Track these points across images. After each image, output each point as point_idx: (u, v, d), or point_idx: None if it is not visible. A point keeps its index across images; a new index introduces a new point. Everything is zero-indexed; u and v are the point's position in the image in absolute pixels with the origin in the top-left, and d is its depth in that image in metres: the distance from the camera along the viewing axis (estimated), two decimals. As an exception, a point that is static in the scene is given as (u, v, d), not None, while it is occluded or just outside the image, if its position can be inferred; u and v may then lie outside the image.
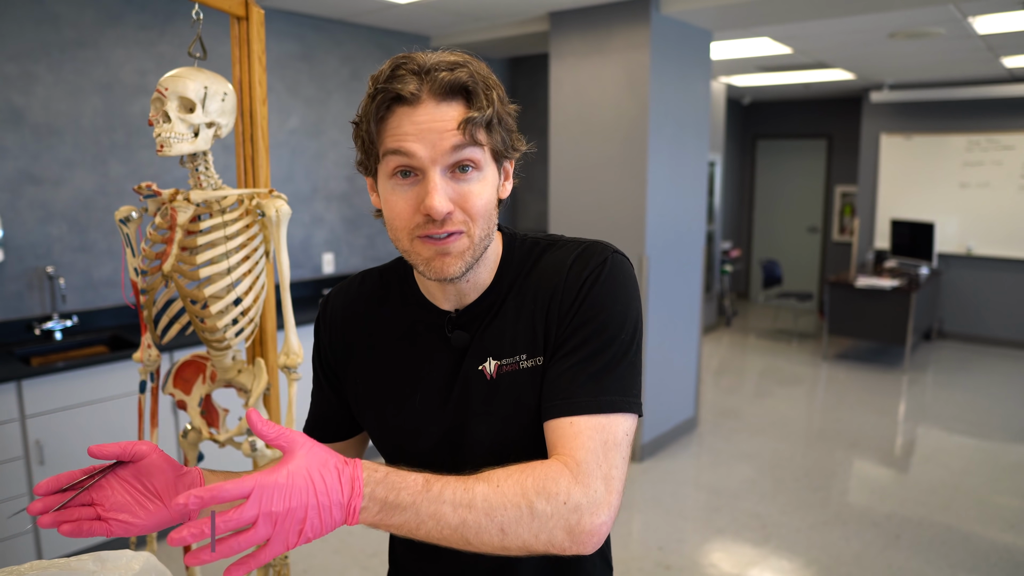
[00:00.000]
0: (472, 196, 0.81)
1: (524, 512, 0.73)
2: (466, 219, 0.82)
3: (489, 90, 0.81)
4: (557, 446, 0.81)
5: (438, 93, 0.79)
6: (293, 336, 1.70)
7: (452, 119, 0.79)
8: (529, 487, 0.75)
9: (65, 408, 2.71)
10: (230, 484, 0.63)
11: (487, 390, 0.90)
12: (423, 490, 0.72)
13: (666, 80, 3.72)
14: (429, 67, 0.79)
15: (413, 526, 0.72)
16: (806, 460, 4.00)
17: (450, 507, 0.72)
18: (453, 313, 0.93)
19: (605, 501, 0.76)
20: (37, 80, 3.02)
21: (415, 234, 0.82)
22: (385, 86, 0.79)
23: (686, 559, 2.98)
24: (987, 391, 5.24)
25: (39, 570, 0.90)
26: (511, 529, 0.73)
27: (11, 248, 3.01)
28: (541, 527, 0.73)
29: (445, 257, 0.82)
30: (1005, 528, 3.21)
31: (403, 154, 0.79)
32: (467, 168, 0.81)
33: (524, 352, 0.89)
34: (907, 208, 6.76)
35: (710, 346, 6.58)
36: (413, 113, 0.79)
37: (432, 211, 0.78)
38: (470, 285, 0.91)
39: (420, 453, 0.92)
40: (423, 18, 4.07)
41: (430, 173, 0.79)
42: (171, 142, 1.52)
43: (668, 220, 3.89)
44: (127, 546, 2.71)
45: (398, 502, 0.71)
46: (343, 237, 4.32)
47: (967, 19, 3.78)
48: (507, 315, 0.91)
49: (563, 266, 0.89)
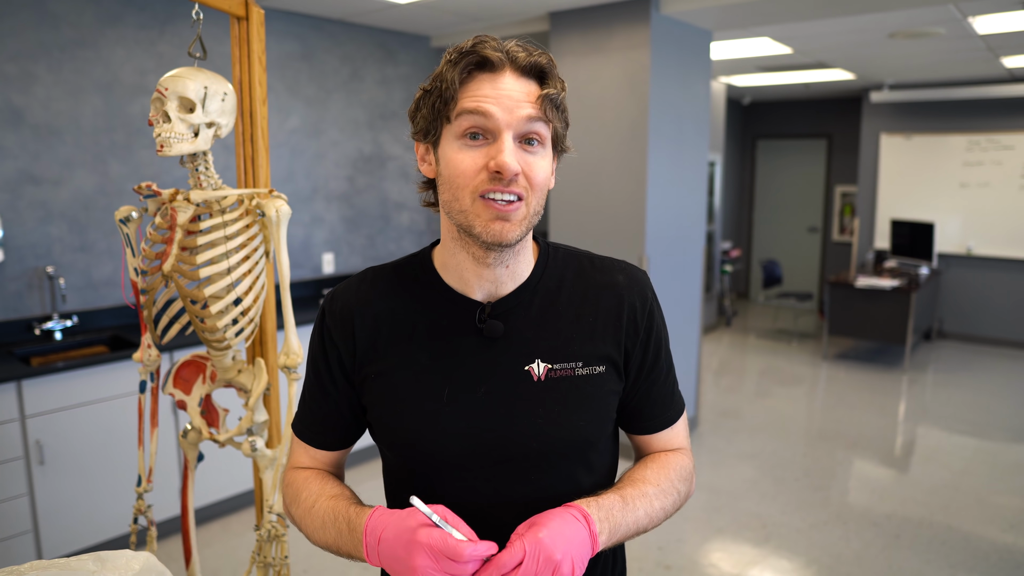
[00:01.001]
0: (536, 168, 0.86)
1: (677, 497, 0.98)
2: (527, 188, 0.86)
3: (560, 79, 0.90)
4: (667, 446, 1.04)
5: (519, 68, 0.86)
6: (293, 336, 1.69)
7: (530, 93, 0.85)
8: (675, 477, 0.98)
9: (65, 408, 2.71)
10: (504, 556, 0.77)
11: (535, 391, 0.91)
12: (624, 506, 0.89)
13: (666, 80, 3.72)
14: (509, 47, 0.86)
15: (625, 537, 0.89)
16: (806, 460, 4.00)
17: (643, 512, 0.91)
18: (486, 304, 0.93)
19: (694, 462, 1.07)
20: (37, 80, 3.02)
21: (478, 192, 0.84)
22: (472, 50, 0.85)
23: (686, 559, 2.98)
24: (987, 391, 5.24)
25: (39, 570, 0.90)
26: (671, 510, 0.96)
27: (11, 248, 3.01)
28: (680, 502, 0.99)
29: (505, 223, 0.85)
30: (1005, 528, 3.21)
31: (480, 114, 0.83)
32: (533, 141, 0.86)
33: (580, 360, 0.93)
34: (907, 208, 6.76)
35: (710, 346, 6.58)
36: (495, 79, 0.85)
37: (504, 167, 0.82)
38: (509, 272, 0.93)
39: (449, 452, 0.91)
40: (423, 18, 4.07)
41: (503, 135, 0.83)
42: (171, 142, 1.52)
43: (668, 220, 3.89)
44: (127, 546, 2.71)
45: (616, 524, 0.87)
46: (343, 237, 4.32)
47: (967, 19, 3.78)
48: (558, 320, 0.94)
49: (619, 287, 0.98)
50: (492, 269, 0.91)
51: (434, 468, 0.92)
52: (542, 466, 0.90)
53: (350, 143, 4.26)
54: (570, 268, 0.98)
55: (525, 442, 0.90)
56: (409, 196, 4.66)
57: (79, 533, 2.78)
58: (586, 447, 0.93)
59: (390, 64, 4.44)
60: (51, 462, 2.68)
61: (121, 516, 2.86)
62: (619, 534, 0.87)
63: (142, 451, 1.87)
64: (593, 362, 0.93)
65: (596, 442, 0.95)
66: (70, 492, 2.74)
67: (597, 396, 0.93)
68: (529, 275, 0.95)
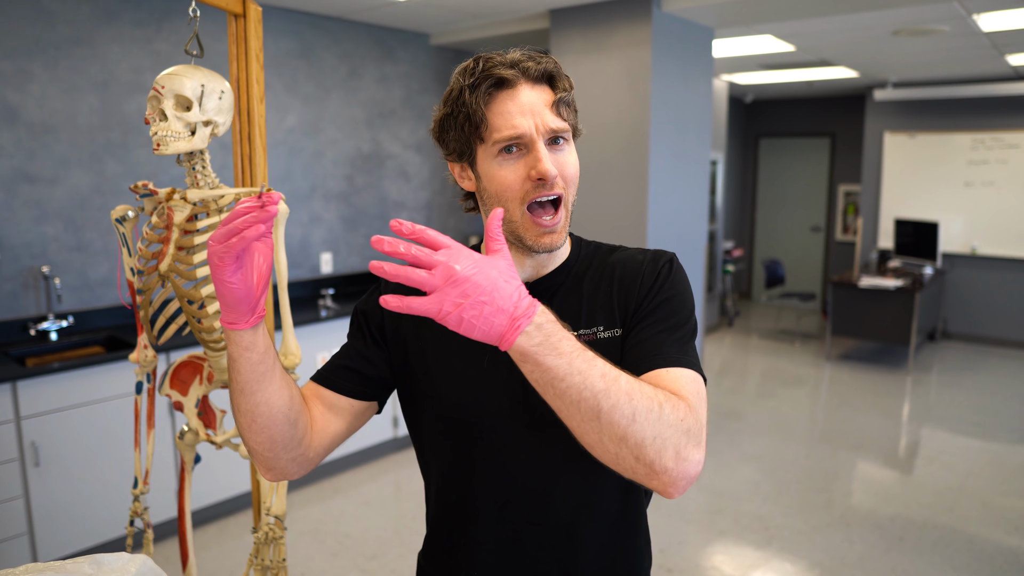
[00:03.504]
0: (567, 164, 0.95)
1: (655, 409, 0.77)
2: (564, 185, 0.94)
3: (567, 77, 0.97)
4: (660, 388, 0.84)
5: (531, 79, 0.93)
6: (291, 337, 1.67)
7: (546, 99, 0.94)
8: (660, 394, 0.80)
9: (61, 409, 2.68)
10: (433, 231, 0.73)
11: None
12: (581, 348, 0.77)
13: (668, 78, 3.69)
14: (516, 60, 0.93)
15: (560, 375, 0.75)
16: (809, 462, 3.97)
17: (599, 373, 0.76)
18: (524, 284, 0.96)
19: (703, 440, 0.82)
20: (32, 78, 2.99)
21: (525, 201, 0.93)
22: (487, 72, 0.92)
23: (688, 561, 2.95)
24: (992, 392, 5.21)
25: (35, 573, 0.89)
26: (641, 417, 0.76)
27: (6, 248, 2.99)
28: (660, 431, 0.77)
29: (552, 235, 0.95)
30: (1010, 530, 3.18)
31: (515, 132, 0.91)
32: (559, 140, 0.95)
33: (601, 324, 0.98)
34: (911, 207, 6.73)
35: (712, 347, 6.55)
36: (514, 95, 0.92)
37: (546, 174, 0.90)
38: (550, 256, 1.02)
39: (485, 417, 0.98)
40: (422, 15, 4.05)
41: (537, 143, 0.92)
42: (168, 140, 1.50)
43: (670, 219, 3.86)
44: (123, 548, 2.68)
45: (559, 346, 0.75)
46: (341, 236, 4.29)
47: (971, 16, 3.76)
48: (582, 295, 1.01)
49: (636, 261, 1.02)
50: (535, 257, 1.01)
51: (473, 432, 0.99)
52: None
53: (348, 142, 4.24)
54: (597, 256, 1.06)
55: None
56: (408, 195, 4.64)
57: (75, 536, 2.75)
58: None
59: (389, 62, 4.42)
60: (46, 464, 2.66)
61: (117, 518, 2.84)
62: (554, 360, 0.74)
63: (138, 453, 1.85)
64: (613, 325, 0.98)
65: None
66: (66, 494, 2.72)
67: (616, 357, 0.97)
68: (567, 258, 1.04)
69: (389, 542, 3.08)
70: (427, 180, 4.73)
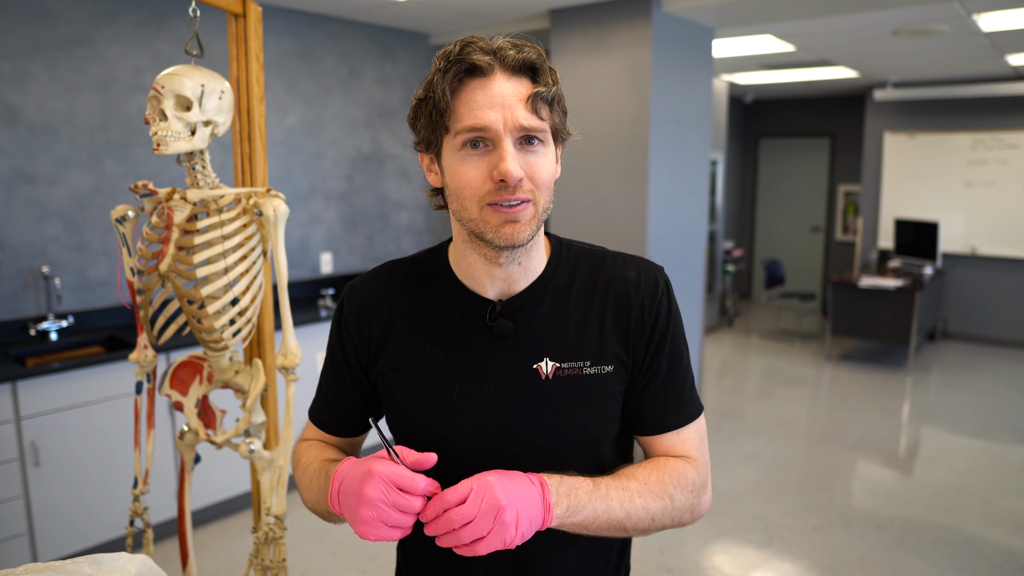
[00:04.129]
0: (538, 167, 0.86)
1: (667, 503, 0.90)
2: (532, 189, 0.85)
3: (552, 72, 0.88)
4: (672, 451, 0.97)
5: (509, 68, 0.84)
6: (291, 337, 1.67)
7: (522, 94, 0.84)
8: (668, 482, 0.91)
9: (61, 409, 2.68)
10: (451, 493, 0.78)
11: (542, 390, 0.91)
12: (593, 490, 0.85)
13: (668, 78, 3.69)
14: (497, 47, 0.85)
15: (590, 521, 0.85)
16: (809, 462, 3.97)
17: (617, 503, 0.86)
18: (497, 302, 0.93)
19: (709, 481, 0.97)
20: (32, 78, 2.99)
21: (485, 201, 0.85)
22: (460, 58, 0.83)
23: (688, 561, 2.95)
24: (992, 392, 5.21)
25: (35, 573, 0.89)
26: (658, 518, 0.90)
27: (6, 248, 2.99)
28: (676, 512, 0.91)
29: (515, 224, 0.85)
30: (1011, 530, 3.18)
31: (477, 123, 0.83)
32: (533, 140, 0.85)
33: (588, 359, 0.92)
34: (911, 207, 6.73)
35: (712, 347, 6.55)
36: (486, 85, 0.84)
37: (507, 175, 0.82)
38: (521, 270, 0.93)
39: (457, 448, 0.92)
40: (422, 15, 4.04)
41: (503, 142, 0.83)
42: (168, 140, 1.50)
43: (670, 219, 3.86)
44: (123, 548, 2.68)
45: (578, 503, 0.83)
46: (341, 237, 4.29)
47: (971, 16, 3.75)
48: (566, 317, 0.94)
49: (629, 282, 0.96)
50: (504, 268, 0.92)
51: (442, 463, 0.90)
52: (549, 464, 0.89)
53: (348, 142, 4.24)
54: (582, 265, 0.97)
55: (532, 440, 0.90)
56: (408, 195, 4.64)
57: (75, 536, 2.75)
58: (594, 446, 0.93)
59: (389, 62, 4.41)
60: (46, 464, 2.66)
61: (117, 518, 2.83)
62: (582, 515, 0.84)
63: (138, 453, 1.84)
64: (602, 361, 0.92)
65: (603, 441, 0.95)
66: (66, 494, 2.71)
67: (604, 395, 0.93)
68: (542, 272, 0.95)
69: (389, 543, 3.07)
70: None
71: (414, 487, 0.78)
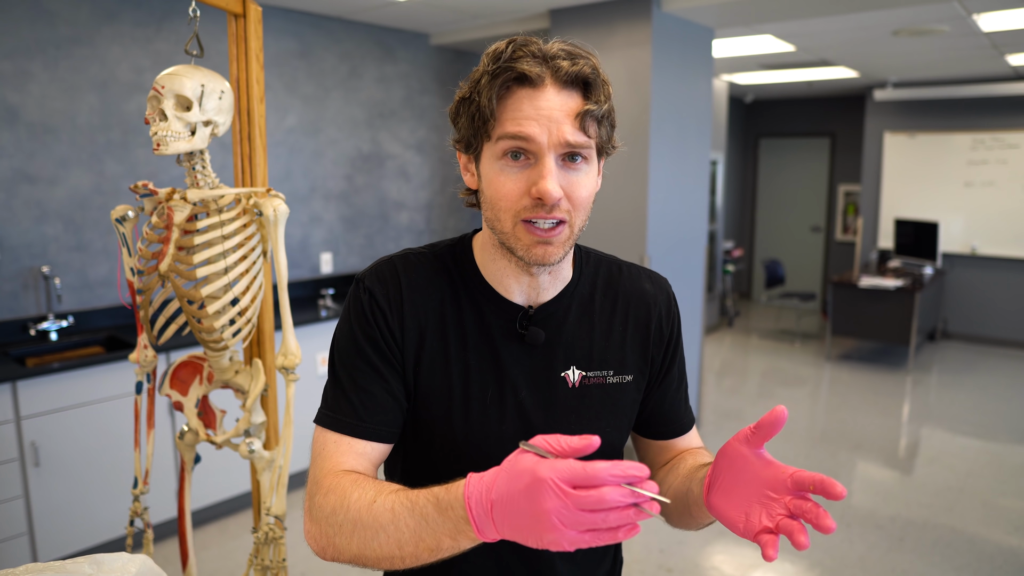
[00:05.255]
0: (579, 186, 0.83)
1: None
2: (570, 208, 0.83)
3: (605, 85, 0.84)
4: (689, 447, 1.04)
5: (560, 81, 0.80)
6: (291, 337, 1.67)
7: (572, 109, 0.80)
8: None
9: (61, 409, 2.68)
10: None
11: (569, 398, 0.93)
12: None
13: (668, 78, 3.69)
14: (551, 54, 0.81)
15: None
16: (809, 462, 3.97)
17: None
18: (529, 309, 0.93)
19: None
20: (32, 78, 2.99)
21: (520, 217, 0.82)
22: (510, 64, 0.80)
23: (688, 562, 2.95)
24: (992, 392, 5.21)
25: (35, 573, 0.89)
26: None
27: (6, 248, 2.99)
28: None
29: (548, 246, 0.83)
30: (1010, 531, 3.18)
31: (521, 138, 0.80)
32: (576, 158, 0.82)
33: (612, 368, 0.95)
34: (911, 207, 6.73)
35: (712, 347, 6.55)
36: (535, 96, 0.80)
37: (546, 195, 0.79)
38: (551, 279, 0.93)
39: (487, 454, 0.85)
40: (422, 15, 4.04)
41: (545, 157, 0.80)
42: (168, 140, 1.50)
43: (670, 219, 3.86)
44: (123, 549, 2.68)
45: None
46: (341, 236, 4.29)
47: (971, 16, 3.75)
48: (592, 328, 0.95)
49: (647, 295, 1.00)
50: (536, 277, 0.91)
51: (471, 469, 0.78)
52: None
53: (348, 142, 4.23)
54: (601, 275, 0.99)
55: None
56: (408, 195, 4.64)
57: (75, 536, 2.75)
58: (611, 453, 0.94)
59: (389, 62, 4.41)
60: (46, 464, 2.66)
61: (117, 519, 2.83)
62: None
63: (138, 453, 1.84)
64: (624, 371, 0.95)
65: (620, 448, 0.98)
66: (66, 494, 2.71)
67: (624, 404, 0.96)
68: (569, 280, 0.96)
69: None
70: (427, 180, 4.73)
71: (597, 476, 0.61)
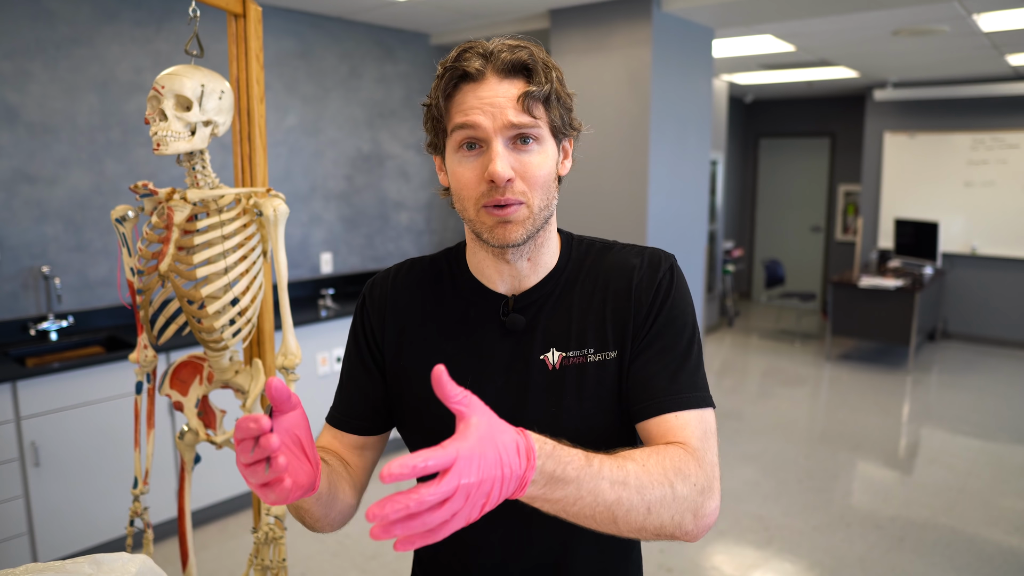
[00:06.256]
0: (532, 166, 0.87)
1: (668, 492, 0.76)
2: (525, 189, 0.87)
3: (548, 70, 0.89)
4: (667, 437, 0.86)
5: (500, 71, 0.86)
6: (291, 337, 1.67)
7: (514, 94, 0.86)
8: (669, 468, 0.78)
9: (61, 409, 2.68)
10: (435, 456, 0.59)
11: (549, 380, 0.92)
12: (585, 465, 0.71)
13: (668, 78, 3.69)
14: (492, 49, 0.87)
15: (571, 501, 0.71)
16: (809, 462, 3.97)
17: (608, 483, 0.72)
18: (510, 297, 0.95)
19: (716, 487, 0.82)
20: (32, 78, 2.99)
21: (480, 203, 0.87)
22: (453, 65, 0.87)
23: (688, 561, 2.95)
24: (992, 392, 5.21)
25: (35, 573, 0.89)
26: (656, 509, 0.75)
27: (6, 248, 2.99)
28: (678, 508, 0.77)
29: (507, 225, 0.87)
30: (1010, 531, 3.18)
31: (469, 126, 0.85)
32: (528, 140, 0.87)
33: (592, 346, 0.92)
34: (911, 207, 6.73)
35: (712, 346, 6.55)
36: (478, 89, 0.86)
37: (495, 176, 0.83)
38: (531, 266, 0.95)
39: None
40: (422, 15, 4.04)
41: (493, 143, 0.85)
42: (168, 140, 1.50)
43: (670, 219, 3.86)
44: (123, 549, 2.68)
45: (564, 476, 0.69)
46: (341, 236, 4.29)
47: (971, 16, 3.75)
48: (571, 308, 0.95)
49: (631, 267, 0.95)
50: (513, 264, 0.94)
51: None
52: None
53: (348, 142, 4.23)
54: (589, 258, 0.99)
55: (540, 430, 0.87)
56: (408, 195, 4.64)
57: (75, 536, 2.75)
58: (601, 435, 0.92)
59: (389, 62, 4.41)
60: (46, 464, 2.66)
61: (117, 518, 2.83)
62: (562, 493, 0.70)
63: (138, 453, 1.84)
64: (606, 347, 0.92)
65: (610, 429, 0.93)
66: (66, 494, 2.71)
67: (609, 382, 0.92)
68: (553, 268, 0.97)
69: (389, 542, 3.07)
70: (427, 180, 4.73)
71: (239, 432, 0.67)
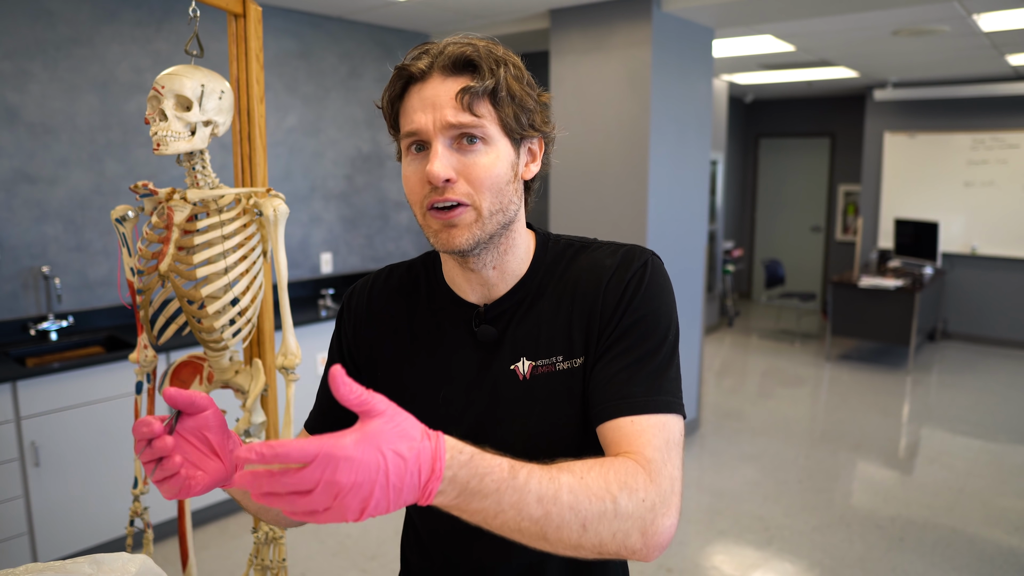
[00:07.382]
0: (476, 167, 0.82)
1: (608, 508, 0.69)
2: (470, 191, 0.82)
3: (496, 65, 0.82)
4: (621, 445, 0.78)
5: (445, 68, 0.82)
6: (291, 337, 1.67)
7: (454, 91, 0.81)
8: (612, 481, 0.70)
9: (61, 409, 2.68)
10: (294, 445, 0.56)
11: (520, 391, 0.89)
12: (509, 477, 0.65)
13: (668, 78, 3.69)
14: (442, 48, 0.83)
15: (491, 514, 0.65)
16: (809, 462, 3.97)
17: (534, 498, 0.66)
18: (481, 307, 0.93)
19: (673, 502, 0.74)
20: (32, 78, 2.99)
21: (425, 205, 0.83)
22: (401, 67, 0.84)
23: (688, 562, 2.95)
24: (992, 392, 5.21)
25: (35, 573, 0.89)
26: (592, 526, 0.68)
27: (6, 248, 2.99)
28: (620, 526, 0.69)
29: (452, 229, 0.83)
30: (1010, 531, 3.18)
31: (410, 127, 0.82)
32: (474, 140, 0.82)
33: (560, 354, 0.88)
34: (911, 207, 6.73)
35: (712, 347, 6.55)
36: (422, 88, 0.82)
37: (430, 176, 0.80)
38: (498, 274, 0.91)
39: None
40: (422, 15, 4.04)
41: (433, 142, 0.81)
42: (168, 140, 1.50)
43: (670, 219, 3.86)
44: (123, 548, 2.68)
45: (481, 489, 0.64)
46: (341, 236, 4.29)
47: (971, 16, 3.75)
48: (541, 315, 0.90)
49: (602, 268, 0.89)
50: (478, 273, 0.90)
51: None
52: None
53: (348, 142, 4.23)
54: (563, 260, 0.93)
55: (512, 444, 0.85)
56: (409, 195, 4.63)
57: (75, 536, 2.75)
58: (574, 445, 0.87)
59: (389, 62, 4.38)
60: (47, 464, 2.66)
61: (117, 518, 2.83)
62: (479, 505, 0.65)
63: (137, 454, 1.84)
64: (573, 354, 0.88)
65: (584, 439, 0.88)
66: (66, 494, 2.71)
67: (578, 390, 0.88)
68: (524, 274, 0.92)
69: (389, 542, 3.07)
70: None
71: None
